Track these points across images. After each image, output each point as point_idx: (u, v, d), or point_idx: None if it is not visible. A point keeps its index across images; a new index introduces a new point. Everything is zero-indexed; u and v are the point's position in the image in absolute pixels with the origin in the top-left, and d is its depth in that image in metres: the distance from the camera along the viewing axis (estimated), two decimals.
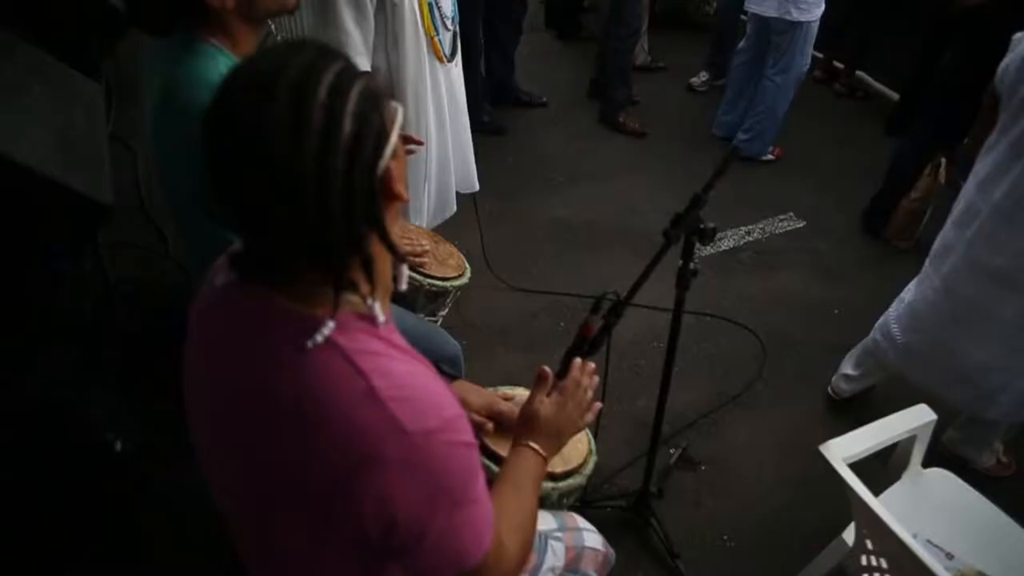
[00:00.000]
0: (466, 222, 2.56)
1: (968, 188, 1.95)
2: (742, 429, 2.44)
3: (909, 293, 2.22)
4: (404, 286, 0.88)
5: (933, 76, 3.33)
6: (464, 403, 1.13)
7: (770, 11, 3.52)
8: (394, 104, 0.77)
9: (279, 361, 0.76)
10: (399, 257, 0.83)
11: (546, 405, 1.15)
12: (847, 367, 2.53)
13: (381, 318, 0.81)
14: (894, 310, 2.27)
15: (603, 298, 1.39)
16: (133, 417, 1.98)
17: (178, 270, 2.70)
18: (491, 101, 4.01)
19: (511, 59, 4.10)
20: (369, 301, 0.79)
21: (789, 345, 2.80)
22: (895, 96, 4.36)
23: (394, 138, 0.76)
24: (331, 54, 0.75)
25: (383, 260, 0.81)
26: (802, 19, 3.49)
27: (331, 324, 0.75)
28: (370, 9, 2.11)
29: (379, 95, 0.75)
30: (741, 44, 3.85)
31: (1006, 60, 1.84)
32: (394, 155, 0.76)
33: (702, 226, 1.51)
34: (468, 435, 0.81)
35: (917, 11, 3.88)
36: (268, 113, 0.68)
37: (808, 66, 3.70)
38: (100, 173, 1.66)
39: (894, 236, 3.39)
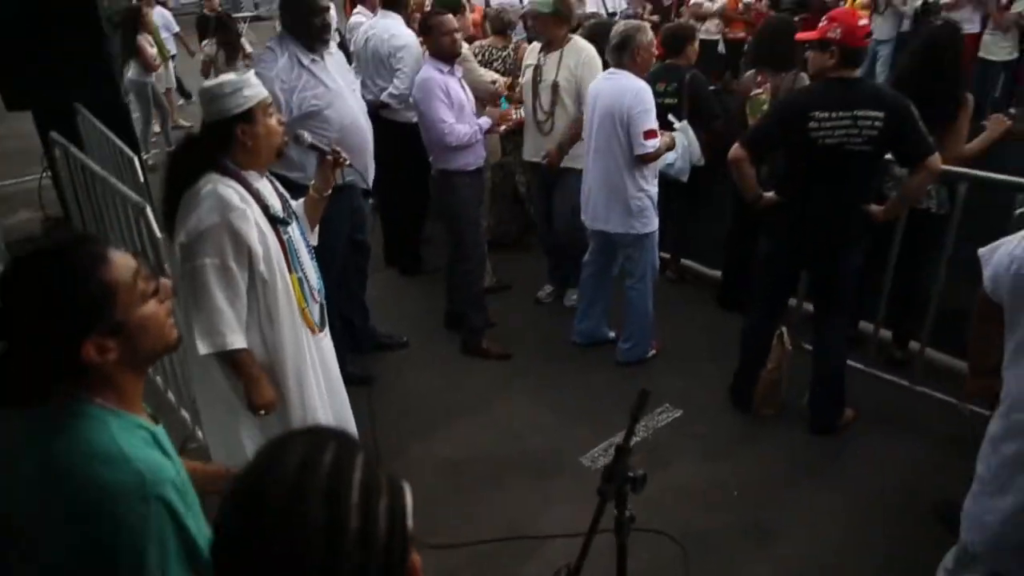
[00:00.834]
0: None
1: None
2: None
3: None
4: None
5: (750, 257, 3.72)
6: None
7: (617, 228, 3.79)
8: (405, 486, 0.75)
9: None
10: None
11: None
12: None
13: None
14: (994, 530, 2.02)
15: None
16: None
17: None
18: (352, 350, 3.96)
19: (363, 304, 4.13)
20: None
21: (704, 539, 2.77)
22: (718, 275, 4.79)
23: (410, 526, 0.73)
24: (340, 442, 0.72)
25: None
26: (647, 231, 3.80)
27: None
28: (242, 286, 2.08)
29: (398, 484, 0.72)
30: (587, 257, 4.09)
31: (992, 271, 2.00)
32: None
33: (632, 475, 1.50)
34: None
35: (722, 206, 4.40)
36: (301, 530, 0.64)
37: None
38: None
39: (761, 406, 3.58)
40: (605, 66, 3.95)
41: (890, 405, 3.63)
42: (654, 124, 3.63)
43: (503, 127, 4.11)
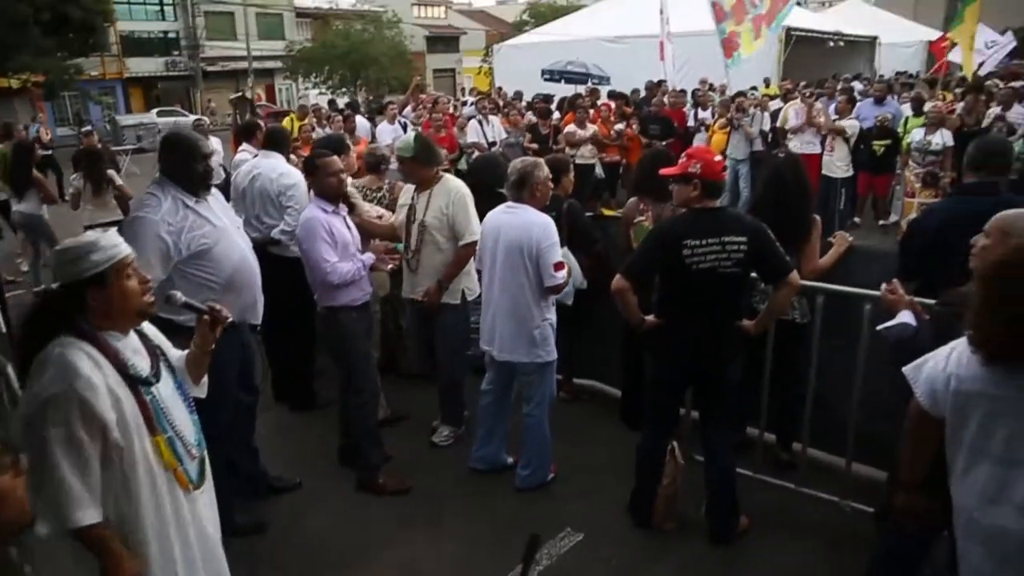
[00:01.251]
0: None
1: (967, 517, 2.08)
2: None
3: None
4: None
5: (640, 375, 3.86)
6: None
7: (522, 358, 3.85)
8: None
9: None
10: None
11: None
12: None
13: None
14: None
15: None
16: None
17: None
18: (242, 497, 3.74)
19: (252, 446, 3.94)
20: None
21: None
22: (616, 392, 4.92)
23: None
24: None
25: None
26: (550, 359, 3.89)
27: None
28: (93, 456, 1.95)
29: None
30: (486, 385, 4.11)
31: (928, 388, 2.12)
32: None
33: None
34: None
35: (610, 323, 4.56)
36: None
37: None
38: None
39: (662, 521, 3.63)
40: (489, 198, 4.13)
41: (781, 510, 3.76)
42: (561, 256, 3.81)
43: (391, 265, 4.15)
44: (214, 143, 10.31)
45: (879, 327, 2.76)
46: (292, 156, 5.51)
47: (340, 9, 37.56)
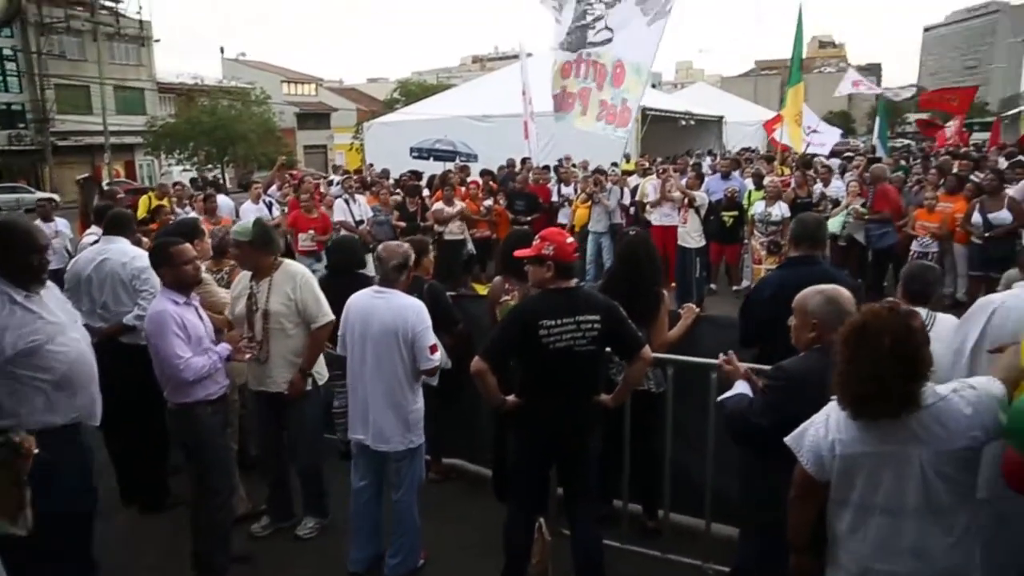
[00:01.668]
0: None
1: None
2: None
3: None
4: None
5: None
6: None
7: (398, 445, 3.76)
8: None
9: None
10: None
11: None
12: None
13: None
14: None
15: None
16: None
17: None
18: None
19: (90, 560, 3.59)
20: None
21: None
22: (484, 470, 4.89)
23: None
24: None
25: None
26: (421, 442, 3.83)
27: None
28: None
29: None
30: (359, 482, 3.95)
31: (813, 455, 2.28)
32: None
33: None
34: None
35: (476, 401, 4.57)
36: None
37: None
38: None
39: None
40: (349, 280, 4.10)
41: None
42: (435, 339, 3.82)
43: (248, 355, 3.99)
44: (60, 224, 9.77)
45: (719, 398, 2.93)
46: (144, 239, 5.28)
47: (205, 85, 36.75)
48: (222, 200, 10.31)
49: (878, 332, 2.17)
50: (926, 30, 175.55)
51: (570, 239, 3.46)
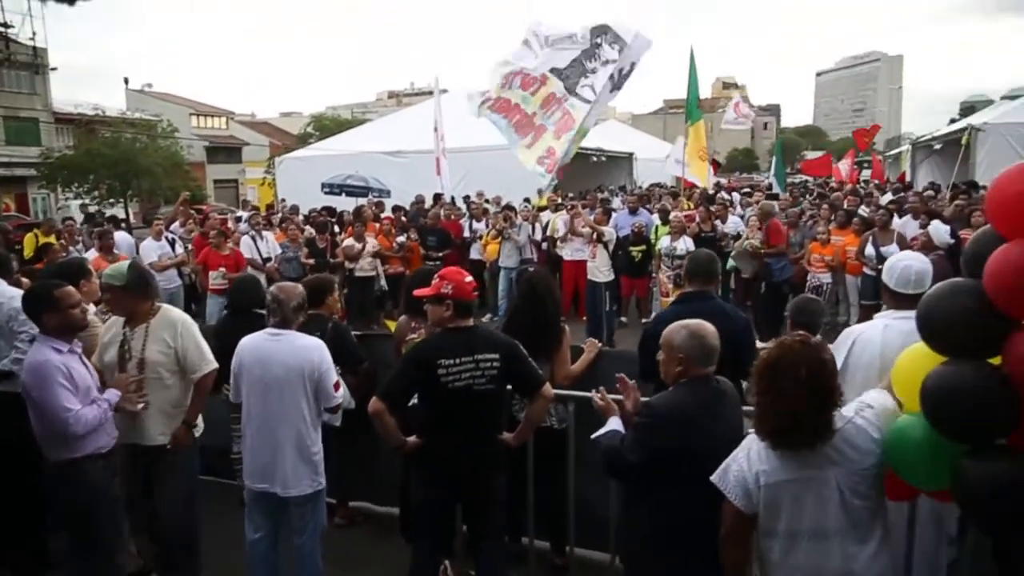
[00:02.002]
0: None
1: None
2: None
3: None
4: None
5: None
6: None
7: (305, 489, 3.63)
8: None
9: None
10: None
11: None
12: None
13: None
14: None
15: None
16: None
17: None
18: None
19: None
20: None
21: None
22: (391, 510, 4.79)
23: None
24: None
25: None
26: (324, 483, 3.73)
27: None
28: None
29: None
30: (255, 533, 3.78)
31: (741, 490, 2.37)
32: None
33: None
34: None
35: (381, 442, 4.49)
36: None
37: None
38: None
39: None
40: (249, 320, 3.97)
41: None
42: (337, 376, 3.77)
43: (141, 405, 3.74)
44: None
45: (593, 436, 2.98)
46: (26, 280, 4.98)
47: (107, 116, 35.25)
48: (120, 237, 9.90)
49: (793, 365, 2.28)
50: (818, 75, 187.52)
51: (469, 278, 3.47)
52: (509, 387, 3.53)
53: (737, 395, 2.92)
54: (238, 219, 12.86)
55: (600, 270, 9.69)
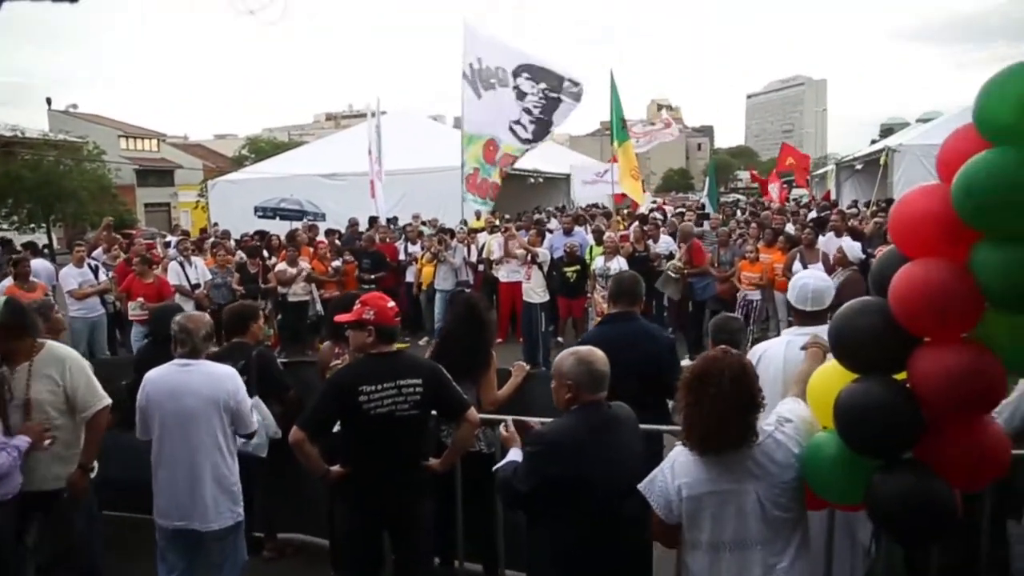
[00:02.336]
0: None
1: None
2: None
3: None
4: None
5: None
6: None
7: (225, 521, 3.52)
8: None
9: None
10: None
11: None
12: None
13: None
14: None
15: None
16: None
17: None
18: None
19: None
20: None
21: None
22: (322, 541, 4.69)
23: None
24: None
25: None
26: (243, 514, 3.62)
27: None
28: None
29: None
30: (168, 574, 3.64)
31: (664, 500, 2.47)
32: None
33: None
34: None
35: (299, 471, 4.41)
36: None
37: None
38: None
39: None
40: (168, 349, 3.85)
41: None
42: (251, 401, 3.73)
43: (47, 441, 3.53)
44: None
45: (494, 467, 3.00)
46: None
47: (27, 137, 33.84)
48: (38, 264, 9.47)
49: (718, 372, 2.39)
50: (749, 97, 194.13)
51: (391, 303, 3.45)
52: (435, 412, 3.51)
53: (634, 420, 2.92)
54: (167, 244, 12.51)
55: (535, 291, 9.76)
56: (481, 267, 11.13)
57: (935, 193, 2.27)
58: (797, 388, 2.79)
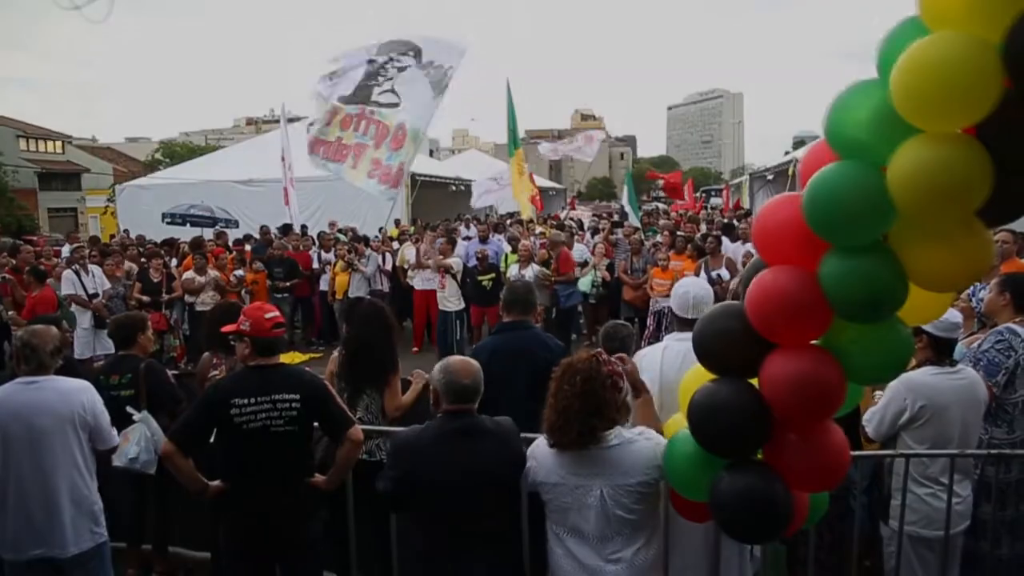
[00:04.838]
0: None
1: None
2: None
3: None
4: None
5: None
6: None
7: (85, 545, 3.33)
8: None
9: None
10: None
11: None
12: None
13: None
14: None
15: None
16: None
17: None
18: None
19: None
20: None
21: None
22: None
23: None
24: None
25: None
26: (106, 535, 3.46)
27: None
28: None
29: None
30: None
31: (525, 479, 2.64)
32: None
33: None
34: None
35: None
36: None
37: None
38: None
39: None
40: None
41: None
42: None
43: None
44: None
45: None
46: None
47: None
48: None
49: (573, 373, 2.55)
50: (669, 108, 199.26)
51: (269, 315, 3.34)
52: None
53: (509, 432, 2.88)
54: (58, 252, 11.91)
55: (449, 299, 9.73)
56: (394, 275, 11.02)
57: (794, 203, 2.34)
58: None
